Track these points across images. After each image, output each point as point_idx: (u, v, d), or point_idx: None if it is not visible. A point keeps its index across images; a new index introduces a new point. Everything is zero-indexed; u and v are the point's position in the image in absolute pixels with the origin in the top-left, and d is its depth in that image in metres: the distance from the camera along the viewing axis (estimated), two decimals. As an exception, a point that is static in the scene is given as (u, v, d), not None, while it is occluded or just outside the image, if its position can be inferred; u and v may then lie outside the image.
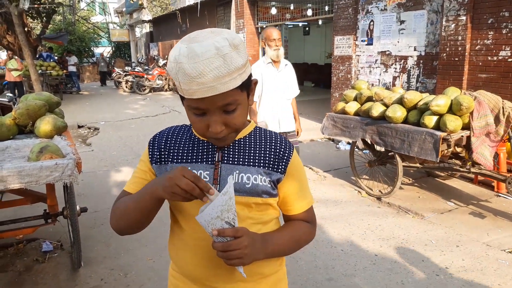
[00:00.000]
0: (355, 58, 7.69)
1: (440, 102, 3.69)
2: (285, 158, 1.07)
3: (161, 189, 0.93)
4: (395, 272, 2.96)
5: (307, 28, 17.49)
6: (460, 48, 5.40)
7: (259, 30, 12.45)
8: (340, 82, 8.06)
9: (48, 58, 15.63)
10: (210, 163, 1.05)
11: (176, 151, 1.09)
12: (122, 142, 7.58)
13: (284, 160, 1.07)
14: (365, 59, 7.44)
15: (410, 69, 6.52)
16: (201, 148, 1.07)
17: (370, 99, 4.42)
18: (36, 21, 18.49)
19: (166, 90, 16.40)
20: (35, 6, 13.63)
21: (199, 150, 1.07)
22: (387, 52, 6.91)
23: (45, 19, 16.70)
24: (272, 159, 1.06)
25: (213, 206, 0.89)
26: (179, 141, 1.10)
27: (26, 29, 13.66)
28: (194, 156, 1.07)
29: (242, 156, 1.06)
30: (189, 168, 1.01)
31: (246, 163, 1.05)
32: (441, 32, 5.70)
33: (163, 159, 1.09)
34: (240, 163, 1.05)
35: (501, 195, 4.33)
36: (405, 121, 4.02)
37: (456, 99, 3.67)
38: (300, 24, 14.90)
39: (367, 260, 3.14)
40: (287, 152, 1.08)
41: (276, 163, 1.06)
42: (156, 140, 1.12)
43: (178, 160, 1.07)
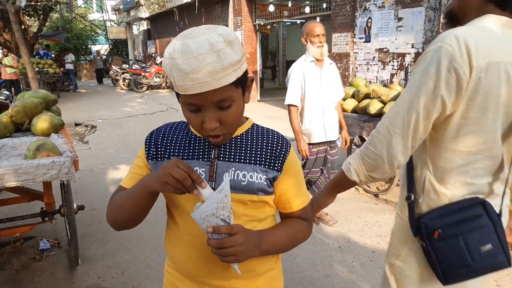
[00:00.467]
0: (352, 55, 7.69)
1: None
2: (281, 156, 1.07)
3: (154, 180, 0.94)
4: (392, 269, 2.96)
5: (305, 26, 17.44)
6: (457, 45, 5.40)
7: (257, 28, 12.42)
8: (338, 79, 8.06)
9: (45, 56, 15.60)
10: (206, 160, 1.05)
11: (173, 147, 1.08)
12: (120, 140, 7.56)
13: (281, 158, 1.07)
14: (363, 56, 7.44)
15: (407, 66, 6.52)
16: (198, 145, 1.07)
17: (367, 96, 4.43)
18: (33, 19, 18.42)
19: (164, 88, 16.38)
20: (32, 3, 13.60)
21: (196, 147, 1.07)
22: (384, 49, 6.92)
23: (42, 16, 16.64)
24: (268, 157, 1.06)
25: (208, 203, 0.89)
26: (176, 138, 1.10)
27: (23, 26, 13.62)
28: (191, 153, 1.06)
29: (238, 154, 1.05)
30: None
31: (242, 161, 1.05)
32: (438, 29, 5.70)
33: (159, 155, 1.09)
34: (237, 161, 1.04)
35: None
36: (403, 118, 4.01)
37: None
38: (298, 21, 14.87)
39: (364, 256, 3.14)
40: (284, 150, 1.08)
41: (272, 161, 1.06)
42: (153, 136, 1.12)
43: (174, 156, 1.07)
